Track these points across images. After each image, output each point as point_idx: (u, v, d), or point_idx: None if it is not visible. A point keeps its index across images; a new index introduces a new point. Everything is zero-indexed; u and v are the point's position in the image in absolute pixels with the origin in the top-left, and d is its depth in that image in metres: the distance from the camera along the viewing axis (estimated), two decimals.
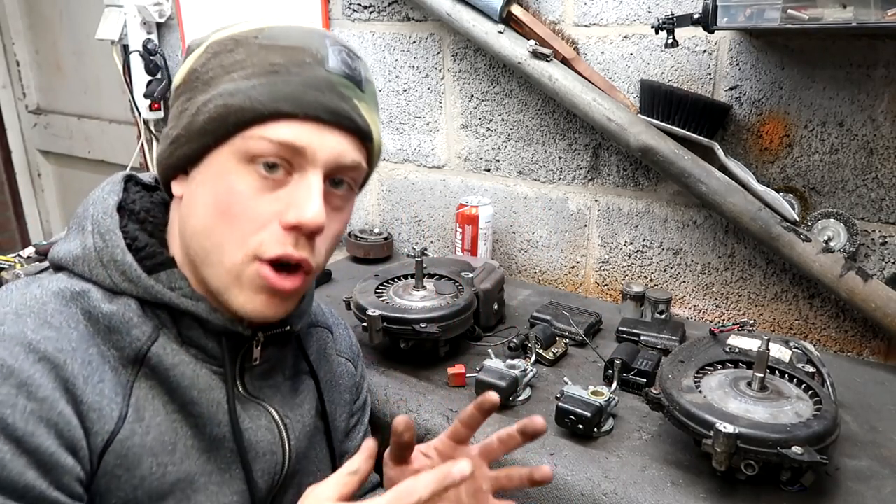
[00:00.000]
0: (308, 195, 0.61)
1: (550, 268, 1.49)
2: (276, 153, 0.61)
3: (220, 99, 0.61)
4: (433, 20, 1.47)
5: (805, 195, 1.18)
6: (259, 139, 0.61)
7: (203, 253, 0.64)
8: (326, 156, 0.62)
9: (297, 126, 0.61)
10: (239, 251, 0.62)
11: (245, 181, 0.62)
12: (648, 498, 0.79)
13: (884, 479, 0.82)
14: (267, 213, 0.62)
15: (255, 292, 0.63)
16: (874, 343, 1.18)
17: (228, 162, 0.62)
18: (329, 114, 0.62)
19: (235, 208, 0.62)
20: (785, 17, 0.95)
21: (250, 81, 0.61)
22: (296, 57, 0.63)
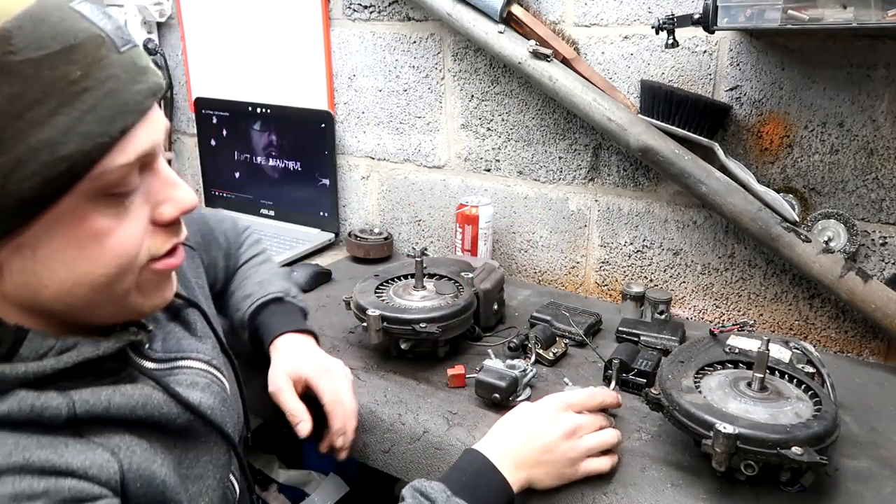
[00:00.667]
0: (173, 185, 0.59)
1: (550, 268, 1.49)
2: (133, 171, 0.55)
3: (43, 155, 0.49)
4: (433, 20, 1.47)
5: (805, 195, 1.18)
6: (115, 170, 0.53)
7: (84, 300, 0.57)
8: (160, 137, 0.58)
9: (141, 132, 0.54)
10: (130, 273, 0.58)
11: (107, 214, 0.55)
12: (648, 498, 0.79)
13: (883, 480, 0.82)
14: (139, 229, 0.58)
15: (157, 288, 0.63)
16: (874, 344, 1.18)
17: (78, 209, 0.53)
18: (153, 97, 0.56)
19: (110, 244, 0.55)
20: (785, 18, 0.95)
21: (69, 115, 0.49)
22: (86, 56, 0.50)
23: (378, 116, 1.63)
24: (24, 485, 0.50)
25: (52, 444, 0.53)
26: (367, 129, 1.66)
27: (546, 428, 0.79)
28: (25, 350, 0.55)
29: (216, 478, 0.69)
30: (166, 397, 0.64)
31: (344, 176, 1.74)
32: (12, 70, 0.47)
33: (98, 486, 0.54)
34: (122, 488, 0.57)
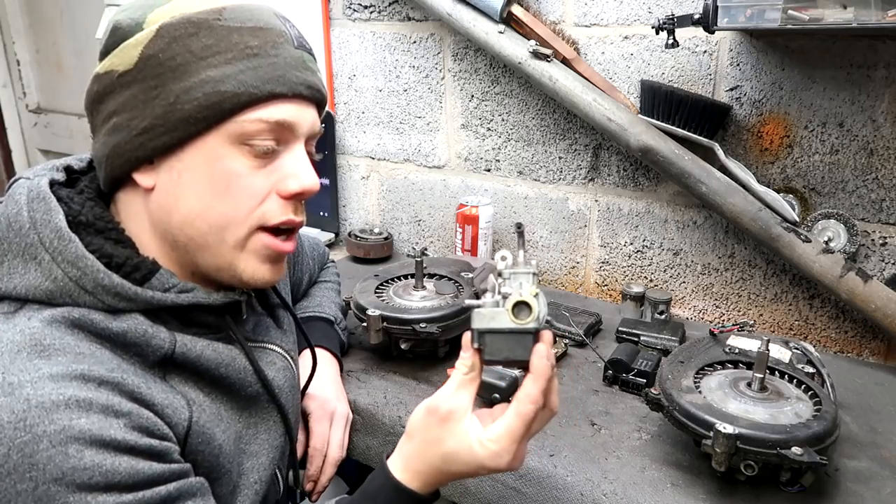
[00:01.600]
0: (303, 165, 0.68)
1: (550, 268, 1.49)
2: (270, 132, 0.65)
3: (207, 87, 0.62)
4: (434, 20, 1.47)
5: (805, 196, 1.18)
6: (254, 121, 0.64)
7: (201, 237, 0.66)
8: (307, 128, 0.68)
9: (287, 105, 0.66)
10: (243, 226, 0.66)
11: (240, 161, 0.64)
12: (648, 498, 0.79)
13: (883, 480, 0.82)
14: (264, 188, 0.66)
15: (260, 261, 0.68)
16: (874, 344, 1.18)
17: (221, 146, 0.64)
18: (309, 90, 0.67)
19: (234, 188, 0.64)
20: (785, 18, 0.95)
21: (235, 66, 0.63)
22: (269, 38, 0.65)
23: (378, 116, 1.63)
24: (116, 400, 0.56)
25: (145, 377, 0.61)
26: (367, 129, 1.66)
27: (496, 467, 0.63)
28: (156, 281, 0.64)
29: (269, 457, 0.74)
30: (247, 364, 0.71)
31: (344, 176, 1.74)
32: (214, 29, 0.63)
33: (167, 428, 0.60)
34: (186, 438, 0.63)
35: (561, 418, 0.94)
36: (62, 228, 0.61)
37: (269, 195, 0.67)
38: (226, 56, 0.63)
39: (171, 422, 0.61)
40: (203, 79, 0.62)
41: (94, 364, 0.57)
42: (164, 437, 0.59)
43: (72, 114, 2.59)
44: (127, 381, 0.58)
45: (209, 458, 0.66)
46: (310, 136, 0.70)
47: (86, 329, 0.60)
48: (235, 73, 0.63)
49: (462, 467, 0.62)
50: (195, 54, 0.62)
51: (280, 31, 0.66)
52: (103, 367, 0.58)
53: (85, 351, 0.58)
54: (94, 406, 0.54)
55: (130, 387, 0.58)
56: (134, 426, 0.56)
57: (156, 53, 0.62)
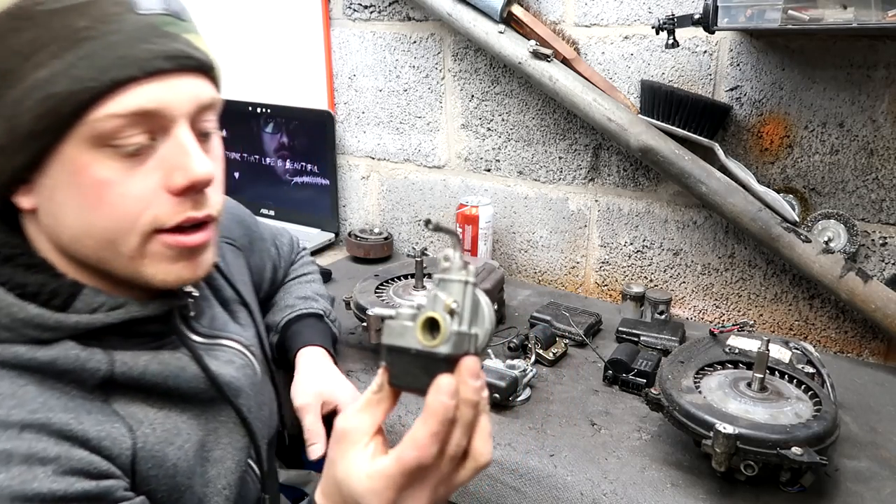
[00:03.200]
0: (186, 152, 0.58)
1: (550, 268, 1.49)
2: (131, 126, 0.55)
3: (37, 92, 0.53)
4: (434, 20, 1.47)
5: (805, 196, 1.18)
6: (106, 119, 0.54)
7: (94, 254, 0.59)
8: (184, 105, 0.58)
9: (142, 88, 0.55)
10: (133, 235, 0.58)
11: (108, 167, 0.56)
12: (648, 498, 0.79)
13: (883, 481, 0.82)
14: (148, 188, 0.57)
15: (169, 262, 0.61)
16: (874, 344, 1.18)
17: (81, 154, 0.55)
18: (169, 61, 0.56)
19: (109, 198, 0.56)
20: (785, 18, 0.95)
21: (64, 60, 0.53)
22: (99, 11, 0.54)
23: (378, 116, 1.63)
24: (41, 446, 0.52)
25: (76, 410, 0.56)
26: (368, 129, 1.66)
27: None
28: (80, 303, 0.59)
29: (235, 460, 0.70)
30: (198, 371, 0.66)
31: (344, 176, 1.74)
32: (34, 18, 0.53)
33: (106, 463, 0.56)
34: (133, 466, 0.59)
35: (561, 418, 0.94)
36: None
37: (156, 195, 0.58)
38: (52, 49, 0.53)
39: (111, 454, 0.57)
40: (32, 83, 0.53)
41: (15, 407, 0.53)
42: (102, 476, 0.55)
43: None
44: (53, 420, 0.53)
45: (165, 481, 0.61)
46: (195, 112, 0.59)
47: (7, 365, 0.55)
48: (66, 68, 0.53)
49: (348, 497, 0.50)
50: (21, 54, 0.53)
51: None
52: (25, 408, 0.53)
53: (5, 391, 0.53)
54: (13, 458, 0.50)
55: (58, 426, 0.53)
56: (64, 471, 0.52)
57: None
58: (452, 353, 0.46)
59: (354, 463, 0.50)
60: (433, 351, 0.47)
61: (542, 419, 0.94)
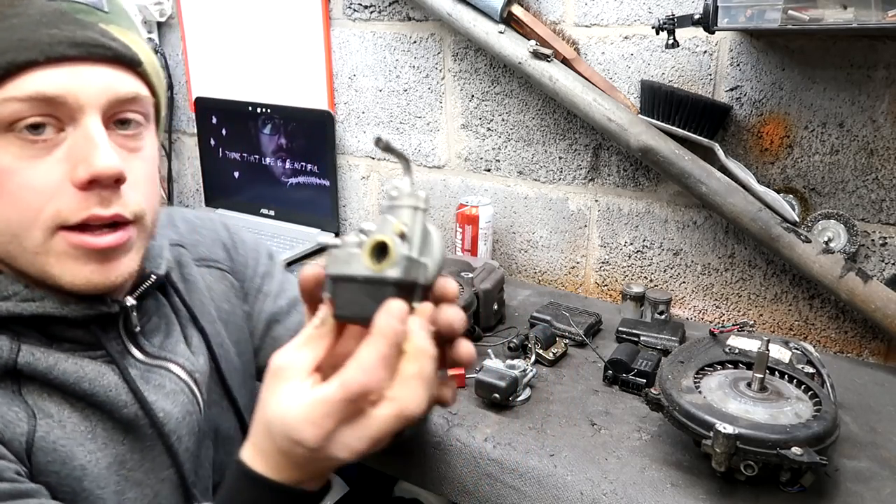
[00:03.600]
0: (92, 144, 0.54)
1: (550, 268, 1.49)
2: (33, 111, 0.53)
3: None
4: (434, 20, 1.47)
5: (805, 196, 1.18)
6: (6, 102, 0.52)
7: (4, 245, 0.57)
8: (94, 95, 0.55)
9: (44, 73, 0.53)
10: (35, 229, 0.55)
11: (9, 153, 0.54)
12: (648, 498, 0.79)
13: (883, 481, 0.82)
14: (52, 179, 0.55)
15: (77, 263, 0.57)
16: (874, 344, 1.18)
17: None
18: (75, 48, 0.54)
19: (9, 187, 0.54)
20: (785, 18, 0.95)
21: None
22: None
23: (378, 116, 1.63)
24: None
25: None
26: (368, 129, 1.66)
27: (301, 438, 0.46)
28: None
29: (155, 490, 0.64)
30: (121, 382, 0.62)
31: (344, 176, 1.74)
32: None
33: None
34: (28, 454, 0.56)
35: (561, 418, 0.94)
36: None
37: (61, 188, 0.55)
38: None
39: (3, 439, 0.55)
40: None
41: None
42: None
43: None
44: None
45: (69, 481, 0.58)
46: (109, 104, 0.56)
47: None
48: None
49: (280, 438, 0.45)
50: None
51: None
52: None
53: None
54: None
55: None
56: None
57: None
58: (402, 277, 0.43)
59: (290, 397, 0.45)
60: (381, 276, 0.44)
61: (542, 419, 0.94)
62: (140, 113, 0.60)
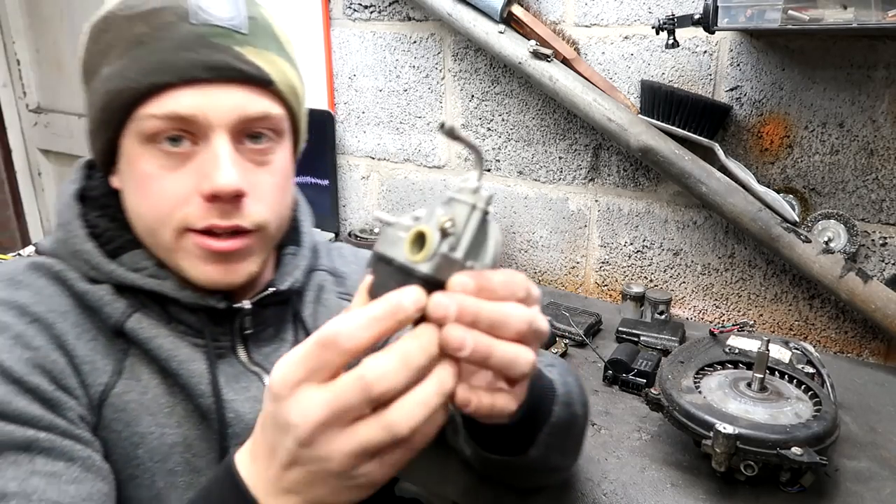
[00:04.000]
0: (215, 162, 0.59)
1: (550, 268, 1.50)
2: (170, 127, 0.59)
3: (101, 86, 0.60)
4: (434, 20, 1.47)
5: (805, 196, 1.18)
6: (148, 118, 0.58)
7: (145, 238, 0.64)
8: (223, 115, 0.59)
9: (179, 94, 0.58)
10: (167, 228, 0.61)
11: (151, 163, 0.60)
12: (648, 498, 0.79)
13: (883, 481, 0.82)
14: (184, 188, 0.60)
15: (201, 262, 0.62)
16: (874, 344, 1.18)
17: (133, 147, 0.60)
18: (208, 71, 0.58)
19: (150, 191, 0.61)
20: (785, 18, 0.95)
21: (122, 61, 0.59)
22: (157, 20, 0.59)
23: (378, 116, 1.63)
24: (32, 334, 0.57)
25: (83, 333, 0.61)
26: (368, 129, 1.66)
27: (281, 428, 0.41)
28: (126, 258, 0.64)
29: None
30: (206, 372, 0.64)
31: (344, 176, 1.74)
32: (116, 22, 0.60)
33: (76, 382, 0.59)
34: (101, 406, 0.60)
35: None
36: (69, 197, 0.66)
37: (190, 196, 0.60)
38: (118, 50, 0.59)
39: (86, 380, 0.60)
40: (100, 78, 0.60)
41: (42, 302, 0.60)
42: (64, 388, 0.58)
43: (72, 113, 2.59)
44: (58, 324, 0.59)
45: (125, 444, 0.61)
46: (238, 123, 0.60)
47: (59, 280, 0.63)
48: (121, 69, 0.58)
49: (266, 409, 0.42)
50: (102, 52, 0.60)
51: (174, 9, 0.59)
52: (47, 307, 0.60)
53: (46, 293, 0.61)
54: (8, 330, 0.57)
55: (59, 331, 0.59)
56: (36, 363, 0.56)
57: (84, 57, 0.63)
58: (431, 274, 0.40)
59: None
60: (412, 267, 0.41)
61: None
62: (271, 129, 0.63)
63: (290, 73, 0.65)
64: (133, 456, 0.61)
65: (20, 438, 0.53)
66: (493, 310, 0.41)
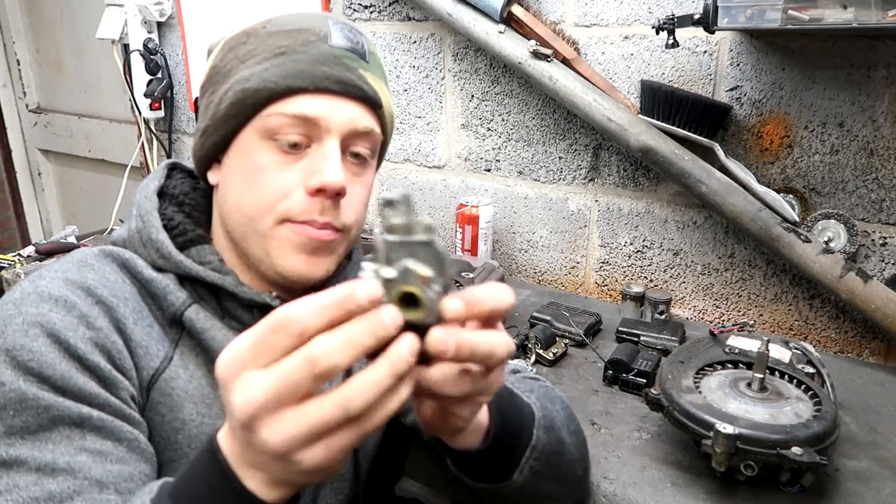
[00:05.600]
0: (327, 160, 0.66)
1: (550, 268, 1.50)
2: (292, 126, 0.66)
3: (237, 85, 0.67)
4: (434, 20, 1.47)
5: (805, 196, 1.18)
6: (276, 115, 0.66)
7: (240, 227, 0.69)
8: (340, 124, 0.67)
9: (309, 99, 0.66)
10: (269, 217, 0.67)
11: (267, 155, 0.67)
12: (648, 498, 0.79)
13: (883, 481, 0.82)
14: (291, 182, 0.66)
15: (292, 251, 0.68)
16: (874, 344, 1.18)
17: (252, 140, 0.67)
18: (337, 84, 0.66)
19: (260, 181, 0.67)
20: (785, 18, 0.95)
21: (262, 65, 0.66)
22: (301, 38, 0.67)
23: None
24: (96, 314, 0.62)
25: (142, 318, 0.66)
26: None
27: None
28: (195, 251, 0.70)
29: None
30: None
31: None
32: (258, 35, 0.68)
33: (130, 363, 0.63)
34: (150, 388, 0.65)
35: None
36: (150, 192, 0.72)
37: (295, 190, 0.67)
38: (258, 57, 0.67)
39: (139, 363, 0.64)
40: (237, 78, 0.67)
41: (106, 286, 0.64)
42: (120, 369, 0.62)
43: (72, 113, 2.59)
44: (120, 308, 0.64)
45: (167, 428, 0.65)
46: (349, 133, 0.68)
47: (126, 268, 0.68)
48: (261, 71, 0.66)
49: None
50: (239, 59, 0.68)
51: (316, 31, 0.68)
52: (111, 292, 0.64)
53: (111, 278, 0.66)
54: (75, 309, 0.61)
55: (119, 314, 0.64)
56: (97, 343, 0.60)
57: (217, 64, 0.71)
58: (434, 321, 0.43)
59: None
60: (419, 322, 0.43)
61: None
62: (369, 148, 0.71)
63: (391, 104, 0.75)
64: (173, 440, 0.65)
65: (75, 414, 0.56)
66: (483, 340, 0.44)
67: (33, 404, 0.56)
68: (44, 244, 1.68)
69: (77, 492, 0.53)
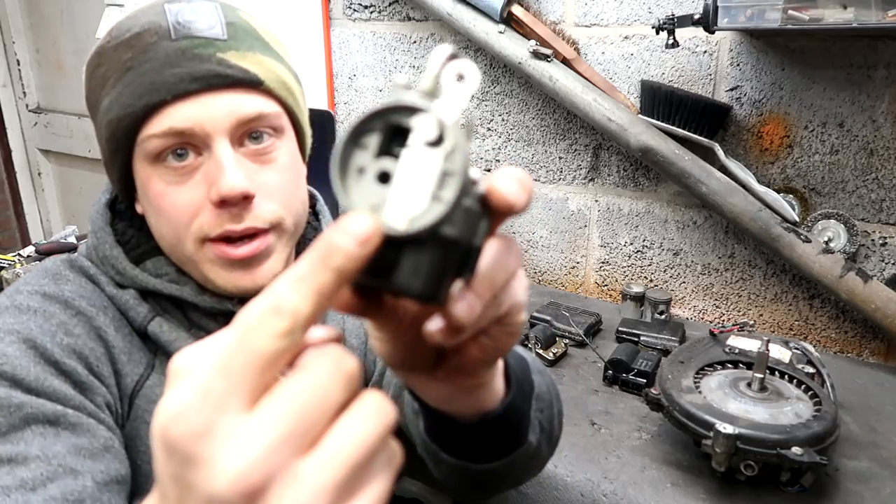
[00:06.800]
0: (220, 168, 0.60)
1: (550, 268, 1.50)
2: (170, 142, 0.60)
3: (104, 119, 0.62)
4: (434, 20, 1.47)
5: (805, 196, 1.18)
6: (149, 139, 0.60)
7: (173, 254, 0.66)
8: (218, 122, 0.60)
9: (174, 109, 0.59)
10: (188, 240, 0.63)
11: (161, 180, 0.62)
12: (648, 498, 0.79)
13: (883, 481, 0.82)
14: (195, 199, 0.62)
15: (224, 269, 0.64)
16: (874, 344, 1.18)
17: (143, 169, 0.63)
18: (195, 82, 0.59)
19: (163, 207, 0.63)
20: (785, 18, 0.95)
21: (116, 89, 0.61)
22: (141, 43, 0.60)
23: None
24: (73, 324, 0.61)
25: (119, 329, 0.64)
26: None
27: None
28: (150, 264, 0.67)
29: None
30: None
31: None
32: (106, 54, 0.62)
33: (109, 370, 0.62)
34: (133, 398, 0.64)
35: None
36: (101, 206, 0.69)
37: (202, 206, 0.62)
38: (111, 80, 0.61)
39: (122, 369, 0.63)
40: (101, 111, 0.63)
41: (84, 297, 0.64)
42: (97, 375, 0.60)
43: (72, 113, 2.59)
44: (100, 317, 0.63)
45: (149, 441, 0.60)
46: (234, 126, 0.61)
47: (93, 282, 0.67)
48: (116, 97, 0.60)
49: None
50: (100, 85, 0.63)
51: (154, 29, 0.60)
52: (89, 302, 0.64)
53: (87, 288, 0.65)
54: (53, 318, 0.60)
55: (99, 322, 0.63)
56: (74, 349, 0.60)
57: (87, 94, 0.65)
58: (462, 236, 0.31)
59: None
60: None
61: None
62: (269, 127, 0.64)
63: (279, 71, 0.65)
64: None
65: (49, 412, 0.55)
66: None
67: (5, 403, 0.54)
68: (44, 244, 1.68)
69: (50, 478, 0.51)
